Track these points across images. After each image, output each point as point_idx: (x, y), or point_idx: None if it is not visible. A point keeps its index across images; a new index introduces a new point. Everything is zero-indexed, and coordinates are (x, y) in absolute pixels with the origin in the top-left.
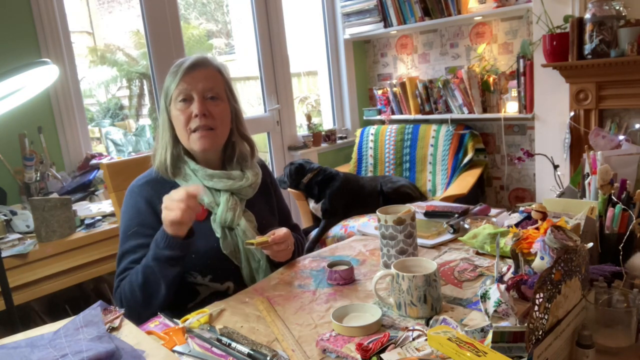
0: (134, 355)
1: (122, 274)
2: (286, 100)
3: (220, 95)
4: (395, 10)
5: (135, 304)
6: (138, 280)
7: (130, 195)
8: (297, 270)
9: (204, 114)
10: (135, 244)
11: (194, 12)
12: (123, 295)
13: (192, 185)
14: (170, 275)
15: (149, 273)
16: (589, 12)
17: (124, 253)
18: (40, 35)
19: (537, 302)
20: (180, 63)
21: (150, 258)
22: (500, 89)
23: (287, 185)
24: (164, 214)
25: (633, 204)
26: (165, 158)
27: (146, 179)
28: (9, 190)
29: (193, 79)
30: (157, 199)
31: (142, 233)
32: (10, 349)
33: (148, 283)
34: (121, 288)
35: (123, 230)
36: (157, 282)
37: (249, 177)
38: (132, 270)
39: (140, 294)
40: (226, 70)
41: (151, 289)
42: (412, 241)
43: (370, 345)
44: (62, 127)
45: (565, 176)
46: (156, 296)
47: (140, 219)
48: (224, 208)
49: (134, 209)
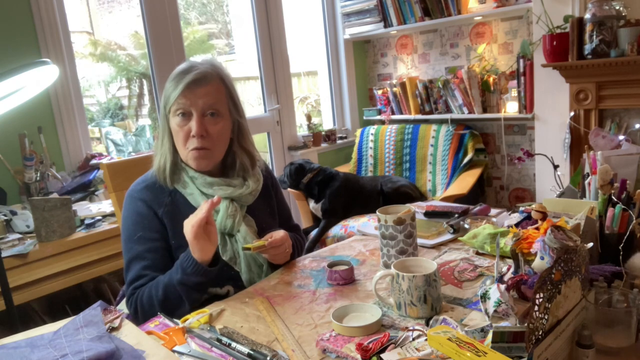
0: (134, 355)
1: (136, 281)
2: (286, 100)
3: (221, 112)
4: (395, 10)
5: (152, 315)
6: (159, 296)
7: (130, 200)
8: (297, 270)
9: (202, 135)
10: (143, 249)
11: (194, 12)
12: (140, 306)
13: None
14: (196, 298)
15: (171, 292)
16: (589, 12)
17: (133, 259)
18: (40, 35)
19: (537, 302)
20: (183, 71)
21: (175, 281)
22: (500, 89)
23: (287, 185)
24: (191, 241)
25: (633, 204)
26: (164, 167)
27: (145, 184)
28: (9, 190)
29: (194, 95)
30: (157, 203)
31: (147, 237)
32: (10, 349)
33: (169, 300)
34: (137, 299)
35: (127, 235)
36: (179, 301)
37: (249, 184)
38: (150, 283)
39: (160, 309)
40: (231, 81)
41: (172, 306)
42: (412, 241)
43: (370, 345)
44: (62, 127)
45: (565, 176)
46: (176, 312)
47: (143, 223)
48: (223, 215)
49: (136, 214)
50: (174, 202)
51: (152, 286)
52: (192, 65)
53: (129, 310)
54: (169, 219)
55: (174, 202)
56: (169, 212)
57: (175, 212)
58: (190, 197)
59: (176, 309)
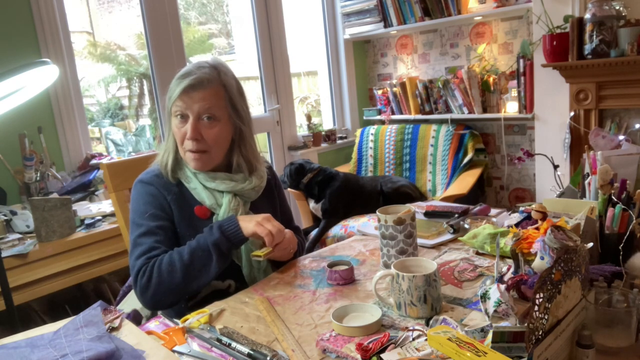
0: (134, 355)
1: (150, 252)
2: (286, 100)
3: (218, 116)
4: (395, 10)
5: (170, 283)
6: (184, 260)
7: (140, 185)
8: (297, 270)
9: (196, 138)
10: (155, 225)
11: (194, 12)
12: (157, 273)
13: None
14: (221, 267)
15: (199, 256)
16: (589, 12)
17: (144, 234)
18: (40, 35)
19: (537, 302)
20: (184, 74)
21: (210, 242)
22: (500, 89)
23: (287, 185)
24: (254, 222)
25: (633, 204)
26: (167, 162)
27: (155, 173)
28: (9, 190)
29: (190, 99)
30: (166, 190)
31: (159, 216)
32: (10, 349)
33: (193, 266)
34: (154, 266)
35: (139, 213)
36: (205, 267)
37: (252, 180)
38: (170, 251)
39: (182, 274)
40: (233, 86)
41: (195, 272)
42: (412, 241)
43: (370, 345)
44: (62, 127)
45: (565, 176)
46: (196, 282)
47: (155, 203)
48: (226, 208)
49: (148, 194)
50: (182, 192)
51: (174, 252)
52: (193, 68)
53: (139, 282)
54: (176, 207)
55: (182, 193)
56: (176, 200)
57: (182, 202)
58: (194, 192)
59: (198, 277)
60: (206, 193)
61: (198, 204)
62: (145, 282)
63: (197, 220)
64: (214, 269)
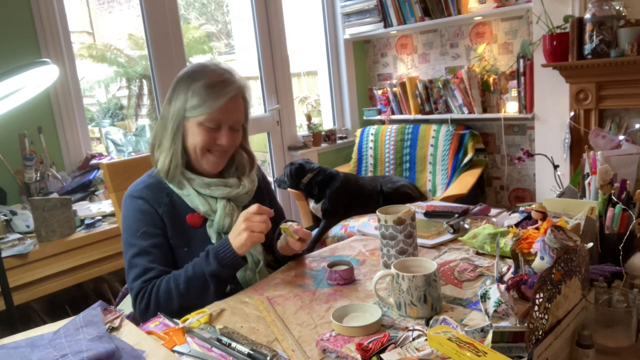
0: (134, 355)
1: (145, 274)
2: (286, 100)
3: (242, 125)
4: (395, 10)
5: (167, 309)
6: (180, 289)
7: (130, 200)
8: (297, 270)
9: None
10: (147, 244)
11: (194, 13)
12: (154, 300)
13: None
14: (220, 292)
15: (196, 285)
16: (589, 12)
17: (138, 254)
18: (40, 35)
19: (537, 302)
20: (221, 82)
21: (207, 273)
22: (500, 89)
23: (287, 185)
24: (245, 236)
25: (633, 204)
26: (168, 166)
27: (144, 184)
28: (9, 190)
29: (228, 112)
30: (157, 202)
31: (151, 233)
32: (10, 349)
33: (190, 294)
34: (151, 292)
35: (130, 232)
36: (202, 294)
37: (245, 184)
38: (166, 276)
39: (178, 302)
40: (249, 93)
41: (193, 299)
42: (412, 241)
43: (370, 345)
44: (62, 127)
45: (565, 176)
46: (195, 306)
47: (146, 219)
48: (221, 214)
49: (138, 211)
50: (172, 202)
51: (170, 279)
52: (228, 77)
53: (139, 307)
54: (168, 218)
55: (172, 203)
56: (168, 212)
57: (173, 212)
58: (187, 198)
59: (196, 302)
60: (200, 200)
61: (190, 212)
62: (144, 308)
63: (189, 229)
64: (211, 295)
